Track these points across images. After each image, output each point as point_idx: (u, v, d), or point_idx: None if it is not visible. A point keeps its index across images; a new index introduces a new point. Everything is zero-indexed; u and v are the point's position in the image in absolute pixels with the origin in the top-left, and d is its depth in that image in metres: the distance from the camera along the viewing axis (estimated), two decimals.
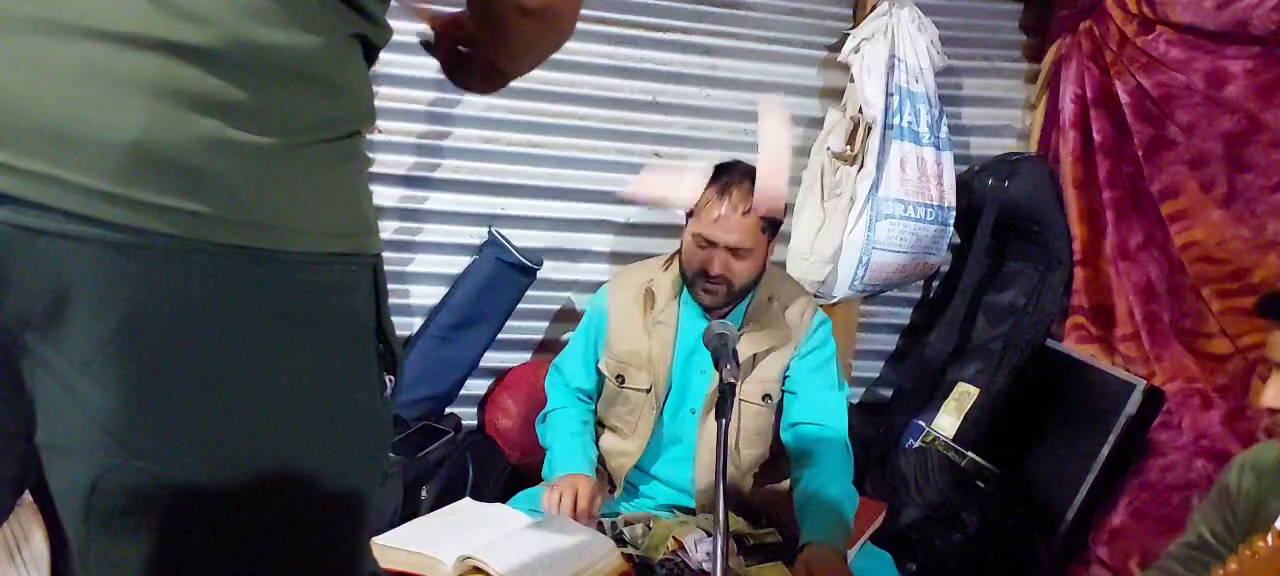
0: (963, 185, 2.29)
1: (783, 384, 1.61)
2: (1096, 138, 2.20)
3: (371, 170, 0.71)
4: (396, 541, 1.34)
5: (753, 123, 2.33)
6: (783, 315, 1.62)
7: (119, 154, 0.55)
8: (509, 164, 2.19)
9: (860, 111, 2.15)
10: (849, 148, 2.17)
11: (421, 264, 2.19)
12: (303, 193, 0.62)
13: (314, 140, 0.63)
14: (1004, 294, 2.33)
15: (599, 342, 1.70)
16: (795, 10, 2.30)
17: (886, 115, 2.14)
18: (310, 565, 0.67)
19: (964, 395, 2.25)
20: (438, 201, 2.17)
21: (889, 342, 2.58)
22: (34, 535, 1.28)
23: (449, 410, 2.21)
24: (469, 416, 2.25)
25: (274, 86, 0.60)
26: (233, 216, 0.58)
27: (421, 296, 2.18)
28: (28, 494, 0.74)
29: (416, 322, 2.17)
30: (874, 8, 2.20)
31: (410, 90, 2.09)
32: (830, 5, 2.32)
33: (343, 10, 0.65)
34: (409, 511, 1.79)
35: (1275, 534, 0.97)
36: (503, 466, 2.10)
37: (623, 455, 1.66)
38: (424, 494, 1.87)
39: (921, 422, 2.28)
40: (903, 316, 2.57)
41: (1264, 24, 1.86)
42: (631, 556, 1.42)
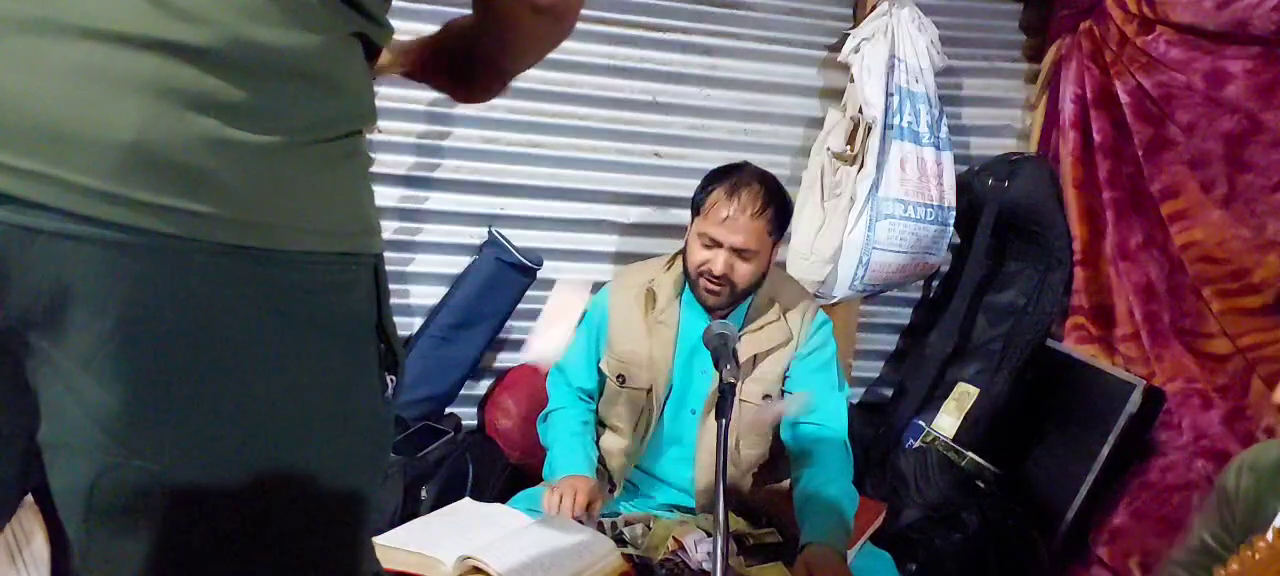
0: (963, 185, 2.29)
1: (783, 384, 1.62)
2: (1096, 138, 2.20)
3: (371, 170, 0.71)
4: (396, 541, 1.34)
5: (753, 122, 2.34)
6: (784, 316, 1.62)
7: (117, 153, 0.55)
8: (509, 164, 2.19)
9: (860, 111, 2.15)
10: (849, 148, 2.17)
11: (421, 264, 2.19)
12: (303, 192, 0.62)
13: (314, 139, 0.63)
14: (1004, 294, 2.33)
15: (600, 342, 1.70)
16: (795, 10, 2.30)
17: (886, 115, 2.14)
18: (311, 565, 0.67)
19: (964, 395, 2.25)
20: (438, 201, 2.17)
21: (889, 342, 2.58)
22: (35, 536, 1.28)
23: (449, 410, 2.21)
24: (469, 416, 2.25)
25: (273, 86, 0.60)
26: (232, 216, 0.58)
27: (421, 296, 2.18)
28: (29, 495, 0.74)
29: (416, 322, 2.17)
30: (874, 8, 2.20)
31: (410, 90, 2.09)
32: (830, 5, 2.32)
33: (342, 9, 0.65)
34: (409, 511, 1.79)
35: (1276, 533, 0.97)
36: (503, 466, 2.10)
37: (623, 455, 1.66)
38: (424, 494, 1.87)
39: (921, 422, 2.28)
40: (903, 316, 2.57)
41: (1264, 24, 1.86)
42: (631, 556, 1.42)
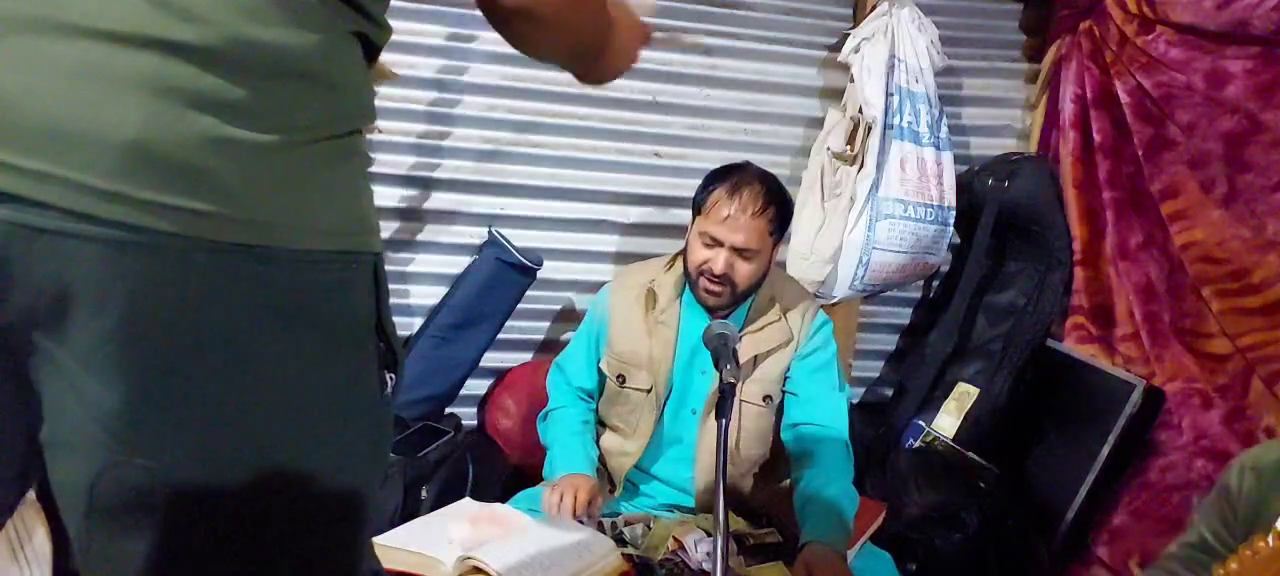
0: (963, 185, 2.29)
1: (783, 385, 1.62)
2: (1096, 138, 2.20)
3: (371, 170, 0.71)
4: (396, 541, 1.34)
5: (753, 122, 2.34)
6: (784, 316, 1.62)
7: (117, 152, 0.55)
8: (509, 164, 2.19)
9: (860, 111, 2.15)
10: (849, 148, 2.17)
11: (421, 264, 2.19)
12: (302, 191, 0.62)
13: (313, 138, 0.63)
14: (1004, 294, 2.33)
15: (600, 342, 1.70)
16: (795, 10, 2.31)
17: (886, 115, 2.14)
18: (311, 564, 0.67)
19: (964, 395, 2.25)
20: (438, 201, 2.17)
21: (889, 342, 2.58)
22: (36, 533, 1.28)
23: (449, 410, 2.21)
24: (469, 416, 2.25)
25: (272, 84, 0.60)
26: (232, 214, 0.58)
27: (421, 296, 2.18)
28: (31, 493, 0.74)
29: (416, 322, 2.17)
30: (874, 8, 2.20)
31: (410, 90, 2.09)
32: (830, 5, 2.32)
33: (341, 8, 0.65)
34: (409, 511, 1.79)
35: (1276, 534, 0.97)
36: (503, 466, 2.10)
37: (623, 455, 1.66)
38: (424, 494, 1.87)
39: (921, 422, 2.28)
40: (903, 316, 2.57)
41: (1264, 24, 1.86)
42: (631, 556, 1.42)
